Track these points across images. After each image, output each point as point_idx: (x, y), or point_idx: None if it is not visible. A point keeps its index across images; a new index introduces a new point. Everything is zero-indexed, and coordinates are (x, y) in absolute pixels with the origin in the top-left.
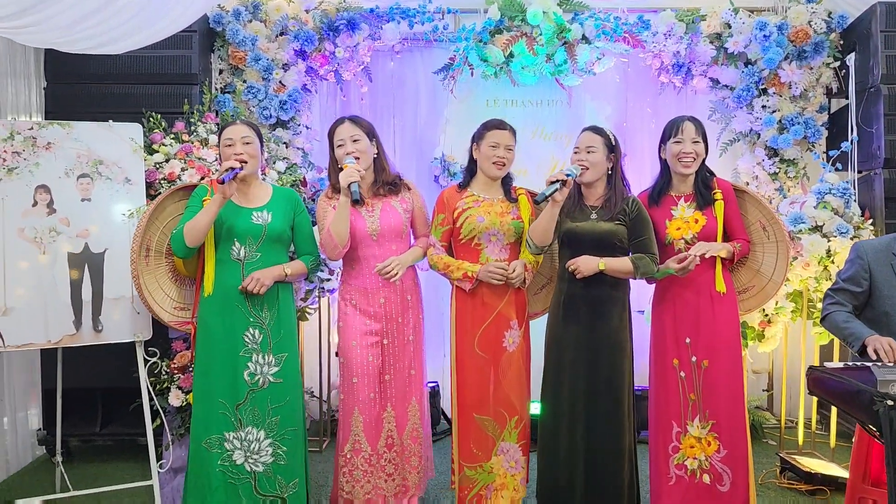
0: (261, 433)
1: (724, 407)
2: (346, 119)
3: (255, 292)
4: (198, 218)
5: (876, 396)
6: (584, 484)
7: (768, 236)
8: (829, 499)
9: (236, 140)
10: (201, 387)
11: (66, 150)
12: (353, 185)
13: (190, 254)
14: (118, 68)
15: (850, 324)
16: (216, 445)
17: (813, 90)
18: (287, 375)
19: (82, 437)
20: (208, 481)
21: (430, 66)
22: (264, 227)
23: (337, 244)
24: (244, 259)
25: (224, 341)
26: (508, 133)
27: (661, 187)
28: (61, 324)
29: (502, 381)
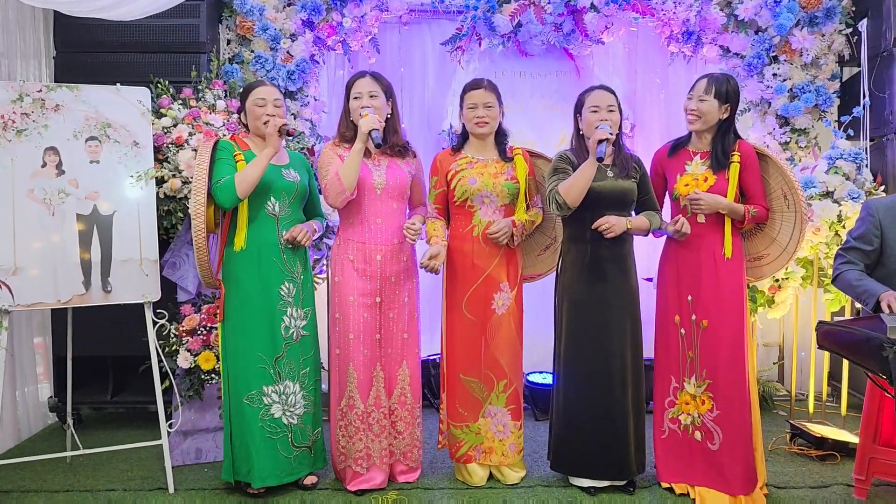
0: (296, 386)
1: (721, 368)
2: (367, 73)
3: (304, 243)
4: (249, 170)
5: (886, 343)
6: (618, 443)
7: (788, 205)
8: (839, 463)
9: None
10: (237, 343)
11: (75, 113)
12: (374, 131)
13: (236, 204)
14: (126, 37)
15: (862, 281)
16: (257, 400)
17: (825, 57)
18: (311, 328)
19: (93, 404)
20: (252, 438)
21: (437, 38)
22: (296, 185)
23: (344, 189)
24: (279, 214)
25: (260, 296)
26: (483, 91)
27: (682, 142)
28: (70, 284)
29: (490, 344)
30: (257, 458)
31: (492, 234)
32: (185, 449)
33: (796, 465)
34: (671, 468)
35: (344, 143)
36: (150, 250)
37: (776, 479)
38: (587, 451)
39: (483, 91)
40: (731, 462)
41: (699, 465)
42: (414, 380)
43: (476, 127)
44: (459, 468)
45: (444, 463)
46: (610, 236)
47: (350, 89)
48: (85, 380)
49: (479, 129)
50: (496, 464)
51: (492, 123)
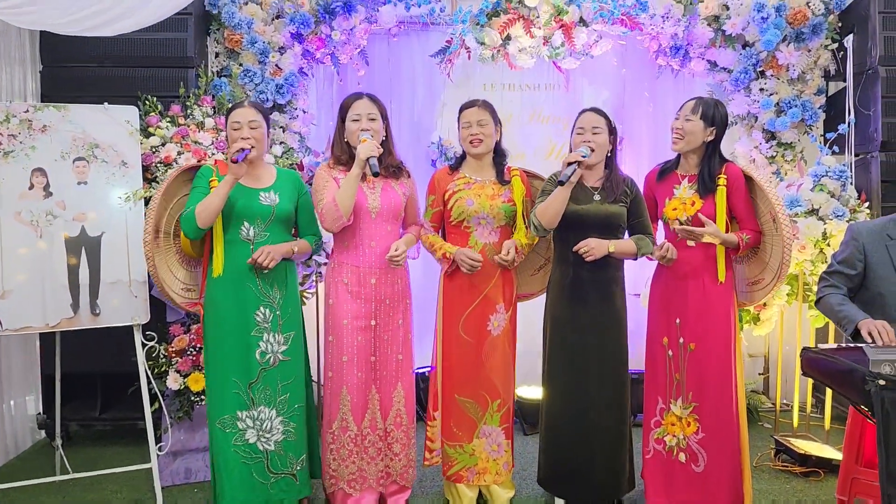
0: (272, 412)
1: (708, 391)
2: (364, 95)
3: (266, 266)
4: (209, 199)
5: (868, 376)
6: (599, 462)
7: (776, 228)
8: (822, 480)
9: (244, 124)
10: (214, 367)
11: (62, 133)
12: (372, 158)
13: (200, 235)
14: (114, 51)
15: (844, 307)
16: (230, 425)
17: (811, 72)
18: (294, 353)
19: (82, 421)
20: (224, 462)
21: (426, 50)
22: (273, 208)
23: (341, 215)
24: (253, 239)
25: (235, 321)
26: (477, 109)
27: (671, 165)
28: (59, 307)
29: (485, 365)
30: (228, 482)
31: (504, 261)
32: (175, 469)
33: (780, 483)
34: (657, 488)
35: (339, 165)
36: (139, 272)
37: (760, 499)
38: (567, 473)
39: (477, 109)
40: (717, 484)
41: (683, 486)
42: (409, 400)
43: (471, 146)
44: (449, 489)
45: (433, 482)
46: (589, 259)
47: (346, 110)
48: (73, 396)
49: (473, 148)
50: (489, 483)
51: (486, 142)
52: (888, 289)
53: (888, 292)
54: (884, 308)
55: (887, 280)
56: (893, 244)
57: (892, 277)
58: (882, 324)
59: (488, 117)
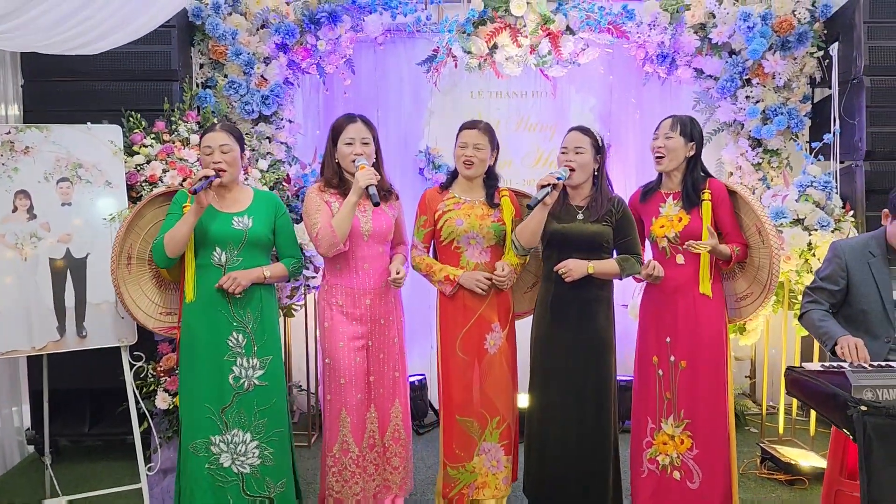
0: (247, 435)
1: (701, 408)
2: (357, 118)
3: (232, 292)
4: (177, 228)
5: (850, 402)
6: (573, 480)
7: (763, 240)
8: (807, 489)
9: (215, 148)
10: (187, 391)
11: (45, 154)
12: (372, 187)
13: (171, 263)
14: (96, 65)
15: (824, 322)
16: (202, 449)
17: (797, 80)
18: (272, 378)
19: (71, 437)
20: (197, 484)
21: (413, 58)
22: (245, 232)
23: (338, 241)
24: (225, 264)
25: (208, 346)
26: (477, 132)
27: (654, 185)
28: (45, 330)
29: (483, 384)
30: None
31: (499, 281)
32: (165, 487)
33: (766, 492)
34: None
35: (329, 188)
36: None
37: None
38: (546, 487)
39: (476, 132)
40: (709, 499)
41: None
42: (405, 415)
43: (463, 167)
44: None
45: (424, 497)
46: (568, 280)
47: (339, 133)
48: (62, 411)
49: (465, 170)
50: (488, 497)
51: (478, 165)
52: (870, 306)
53: (871, 309)
54: (867, 324)
55: (869, 297)
56: (875, 261)
57: (874, 294)
58: (857, 342)
59: (486, 142)
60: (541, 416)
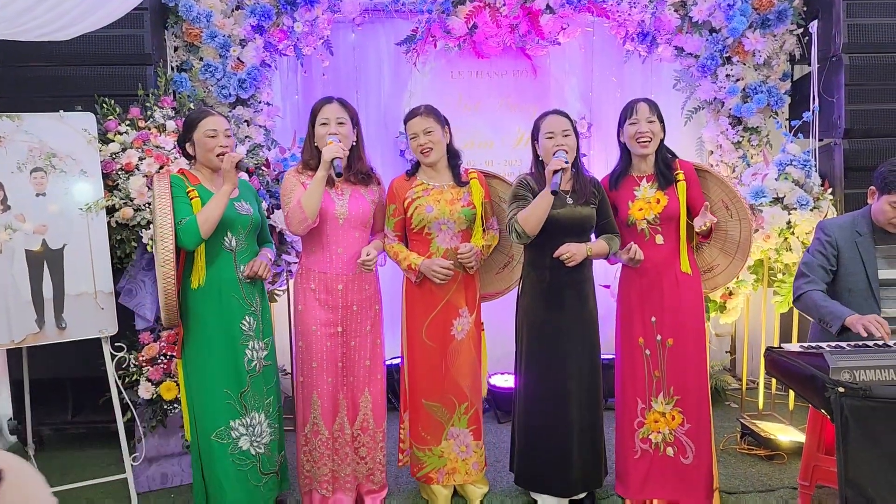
0: (262, 416)
1: (688, 383)
2: (334, 99)
3: (264, 277)
4: (211, 209)
5: (828, 383)
6: (578, 459)
7: (731, 214)
8: (786, 463)
9: (220, 132)
10: (201, 380)
11: (18, 144)
12: (336, 160)
13: (199, 244)
14: (68, 50)
15: (828, 303)
16: (225, 436)
17: (776, 58)
18: (272, 358)
19: (54, 425)
20: (224, 473)
21: (392, 38)
22: (250, 218)
23: (306, 217)
24: (235, 249)
25: (222, 332)
26: (420, 118)
27: (621, 170)
28: (24, 323)
29: (451, 369)
30: (231, 492)
31: (462, 257)
32: (151, 475)
33: (746, 466)
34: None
35: (307, 170)
36: (105, 283)
37: (726, 483)
38: (544, 470)
39: (420, 118)
40: (699, 473)
41: (671, 480)
42: (377, 406)
43: (422, 156)
44: (424, 488)
45: (411, 480)
46: (571, 265)
47: (316, 115)
48: (44, 400)
49: (425, 158)
50: (460, 482)
51: (436, 149)
52: (857, 285)
53: (856, 288)
54: (852, 304)
55: (856, 276)
56: (862, 240)
57: (860, 273)
58: (875, 317)
59: (433, 123)
60: (540, 401)
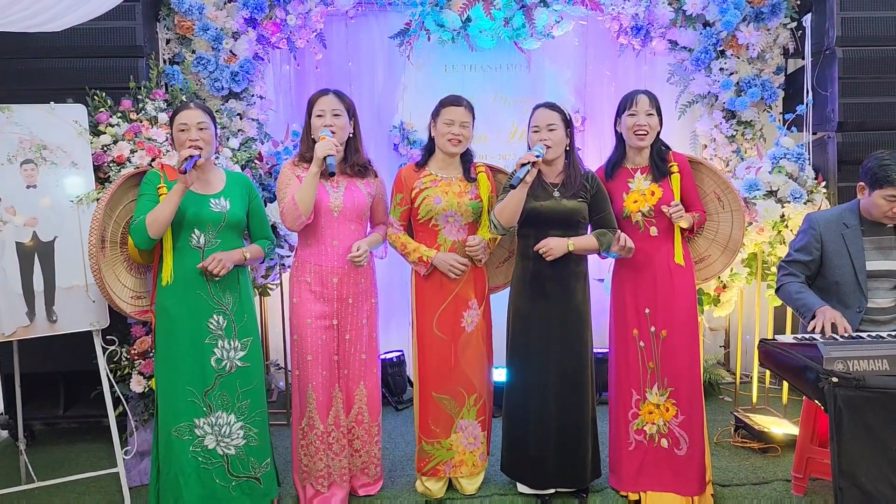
0: (231, 417)
1: (682, 374)
2: (330, 91)
3: (217, 274)
4: (160, 210)
5: (822, 374)
6: (554, 454)
7: (723, 206)
8: (780, 456)
9: (191, 125)
10: (166, 376)
11: (8, 136)
12: (329, 157)
13: (152, 245)
14: (59, 42)
15: (802, 294)
16: (186, 433)
17: (770, 51)
18: (253, 359)
19: (45, 420)
20: (181, 468)
21: (385, 32)
22: (224, 215)
23: (300, 214)
24: (204, 246)
25: (188, 329)
26: (463, 109)
27: (615, 161)
28: (14, 316)
29: (461, 361)
30: (186, 487)
31: (471, 249)
32: (143, 469)
33: (740, 460)
34: (634, 478)
35: (304, 162)
36: None
37: (720, 476)
38: (525, 460)
39: (463, 110)
40: (691, 464)
41: (665, 471)
42: (371, 399)
43: (449, 144)
44: (419, 480)
45: (404, 472)
46: (549, 259)
47: (312, 106)
48: (36, 394)
49: (451, 147)
50: (467, 475)
51: (464, 143)
52: (843, 277)
53: (843, 280)
54: (839, 294)
55: (843, 268)
56: (849, 232)
57: (847, 266)
58: (833, 316)
59: (471, 119)
60: (521, 392)
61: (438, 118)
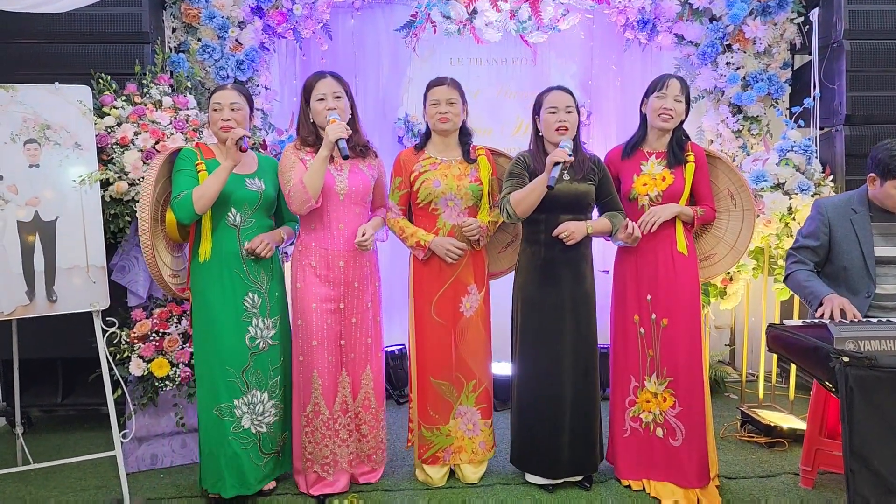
0: (265, 395)
1: (681, 365)
2: (328, 74)
3: (264, 256)
4: (208, 185)
5: (832, 353)
6: (568, 442)
7: (735, 204)
8: (787, 450)
9: (224, 105)
10: (206, 354)
11: (12, 115)
12: (341, 140)
13: (195, 220)
14: (65, 26)
15: (810, 282)
16: (227, 413)
17: (777, 46)
18: (282, 337)
19: (44, 407)
20: (228, 449)
21: (391, 24)
22: (260, 195)
23: (309, 197)
24: (239, 225)
25: (224, 307)
26: (447, 87)
27: (636, 141)
28: (14, 295)
29: (459, 346)
30: (228, 470)
31: (467, 230)
32: (141, 455)
33: (746, 453)
34: (632, 466)
35: (305, 146)
36: (97, 256)
37: (726, 469)
38: (537, 450)
39: (446, 87)
40: (690, 456)
41: (660, 461)
42: (377, 383)
43: (439, 123)
44: (419, 468)
45: (405, 461)
46: (570, 243)
47: (311, 91)
48: (34, 381)
49: (441, 126)
50: (466, 462)
51: (454, 120)
52: (852, 262)
53: (852, 265)
54: (847, 281)
55: (851, 253)
56: (857, 217)
57: (855, 251)
58: (841, 303)
59: (457, 96)
60: (533, 382)
61: (427, 102)
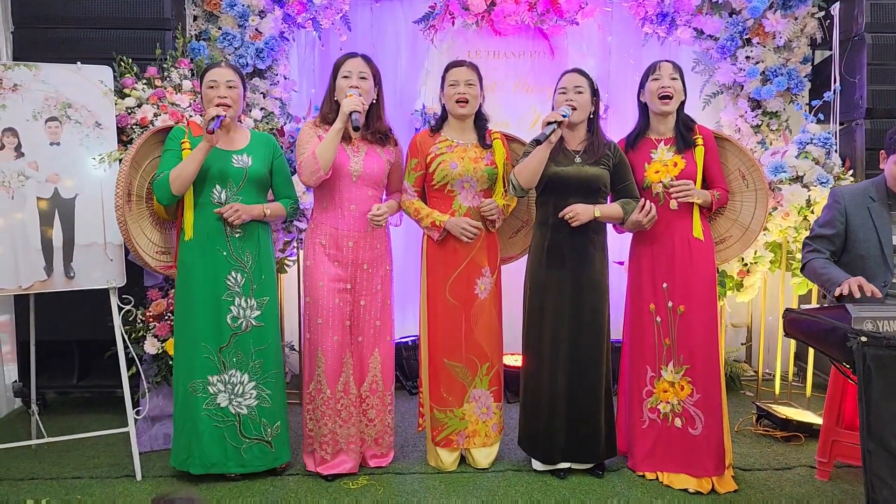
0: (244, 376)
1: (698, 352)
2: (358, 54)
3: (232, 222)
4: (183, 166)
5: (850, 333)
6: (565, 426)
7: (747, 185)
8: (803, 444)
9: (220, 83)
10: (184, 331)
11: (34, 93)
12: (355, 113)
13: (174, 201)
14: (88, 12)
15: (827, 269)
16: (201, 389)
17: (797, 40)
18: (268, 319)
19: (59, 389)
20: (194, 425)
21: (410, 16)
22: (245, 171)
23: (320, 168)
24: (225, 202)
25: (206, 285)
26: (466, 69)
27: (639, 131)
28: (32, 270)
29: (473, 329)
30: (198, 444)
31: (485, 210)
32: (154, 434)
33: (762, 447)
34: (648, 458)
35: (325, 123)
36: (115, 234)
37: (741, 461)
38: (533, 431)
39: (465, 69)
40: (708, 445)
41: (678, 451)
42: (386, 367)
43: (456, 105)
44: (431, 453)
45: (416, 447)
46: (575, 225)
47: (339, 68)
48: (50, 363)
49: (459, 109)
50: (479, 446)
51: (472, 102)
52: (869, 251)
53: (869, 254)
54: (864, 269)
55: (868, 242)
56: (875, 206)
57: (873, 239)
58: (859, 280)
59: (475, 78)
60: (535, 363)
61: (444, 83)
